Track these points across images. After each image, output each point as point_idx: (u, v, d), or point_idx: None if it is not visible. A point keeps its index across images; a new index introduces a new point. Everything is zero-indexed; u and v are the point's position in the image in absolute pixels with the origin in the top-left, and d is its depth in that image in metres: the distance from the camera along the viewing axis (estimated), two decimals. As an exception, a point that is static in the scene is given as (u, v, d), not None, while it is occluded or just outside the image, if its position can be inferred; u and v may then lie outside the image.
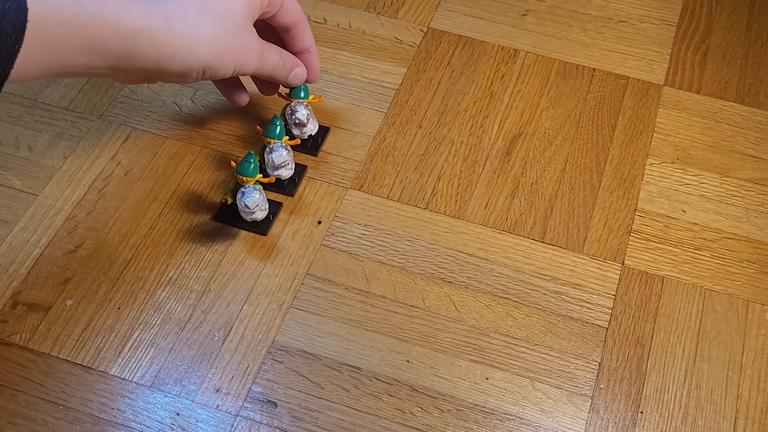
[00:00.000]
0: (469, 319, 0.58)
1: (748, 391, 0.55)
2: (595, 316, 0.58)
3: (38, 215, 0.62)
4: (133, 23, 0.47)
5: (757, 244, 0.62)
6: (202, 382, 0.54)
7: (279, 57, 0.59)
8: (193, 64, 0.52)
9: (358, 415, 0.53)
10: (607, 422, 0.54)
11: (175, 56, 0.50)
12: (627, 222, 0.63)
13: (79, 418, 0.53)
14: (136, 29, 0.48)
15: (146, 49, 0.49)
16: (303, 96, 0.63)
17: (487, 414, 0.54)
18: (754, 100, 0.71)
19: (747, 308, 0.59)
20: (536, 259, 0.61)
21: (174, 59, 0.50)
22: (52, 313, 0.57)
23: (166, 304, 0.58)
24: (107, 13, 0.46)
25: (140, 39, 0.48)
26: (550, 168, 0.66)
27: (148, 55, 0.49)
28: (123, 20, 0.47)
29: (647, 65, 0.73)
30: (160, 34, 0.49)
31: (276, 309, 0.58)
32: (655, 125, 0.69)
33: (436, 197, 0.64)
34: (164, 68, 0.50)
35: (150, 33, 0.48)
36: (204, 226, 0.62)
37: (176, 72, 0.51)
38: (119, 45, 0.47)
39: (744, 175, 0.66)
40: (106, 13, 0.46)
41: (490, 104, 0.70)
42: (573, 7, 0.77)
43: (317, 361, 0.55)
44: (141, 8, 0.48)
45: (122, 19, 0.47)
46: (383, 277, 0.59)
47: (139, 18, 0.48)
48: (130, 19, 0.47)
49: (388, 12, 0.76)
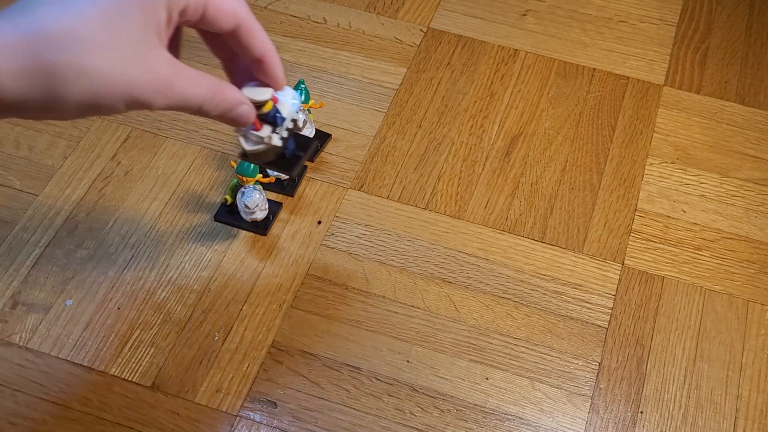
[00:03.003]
0: (469, 319, 0.58)
1: (748, 391, 0.55)
2: (595, 316, 0.58)
3: (38, 215, 0.62)
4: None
5: (757, 244, 0.62)
6: (202, 382, 0.54)
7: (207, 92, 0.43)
8: (47, 113, 0.39)
9: (358, 415, 0.53)
10: (607, 422, 0.54)
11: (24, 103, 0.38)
12: (627, 222, 0.63)
13: (79, 418, 0.53)
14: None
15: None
16: (303, 100, 0.62)
17: (487, 414, 0.54)
18: (754, 100, 0.71)
19: (747, 308, 0.59)
20: (536, 259, 0.61)
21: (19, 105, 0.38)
22: (52, 313, 0.57)
23: (166, 304, 0.58)
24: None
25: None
26: (550, 168, 0.66)
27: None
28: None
29: (647, 65, 0.73)
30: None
31: (276, 309, 0.58)
32: (655, 125, 0.69)
33: (436, 197, 0.64)
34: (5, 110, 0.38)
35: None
36: (204, 226, 0.62)
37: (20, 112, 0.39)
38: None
39: (744, 175, 0.66)
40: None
41: (490, 104, 0.70)
42: (573, 7, 0.77)
43: (317, 361, 0.55)
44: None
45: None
46: (383, 277, 0.59)
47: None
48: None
49: (388, 12, 0.76)
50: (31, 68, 0.38)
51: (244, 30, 0.44)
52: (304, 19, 0.75)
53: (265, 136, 0.49)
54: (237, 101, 0.46)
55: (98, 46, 0.39)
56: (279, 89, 0.48)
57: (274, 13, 0.76)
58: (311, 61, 0.72)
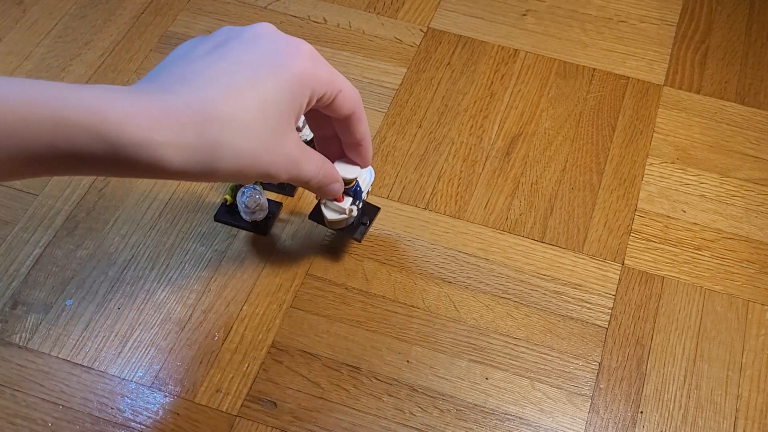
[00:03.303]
0: (469, 319, 0.58)
1: (748, 391, 0.55)
2: (595, 316, 0.58)
3: (38, 215, 0.62)
4: (131, 137, 0.37)
5: (757, 244, 0.62)
6: (202, 382, 0.54)
7: (317, 170, 0.47)
8: (199, 179, 0.42)
9: (358, 415, 0.53)
10: (607, 422, 0.54)
11: (183, 174, 0.40)
12: (627, 222, 0.63)
13: (79, 418, 0.53)
14: (135, 143, 0.37)
15: (144, 161, 0.38)
16: None
17: (487, 414, 0.54)
18: (754, 100, 0.71)
19: (747, 308, 0.59)
20: (536, 259, 0.61)
21: (179, 175, 0.40)
22: (52, 313, 0.57)
23: (166, 304, 0.58)
24: (98, 125, 0.36)
25: (138, 152, 0.37)
26: (550, 168, 0.66)
27: (147, 169, 0.38)
28: (119, 133, 0.36)
29: (647, 65, 0.73)
30: (165, 151, 0.38)
31: (276, 309, 0.58)
32: (655, 125, 0.69)
33: (436, 197, 0.64)
34: (160, 177, 0.40)
35: (154, 150, 0.37)
36: (204, 226, 0.62)
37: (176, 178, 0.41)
38: (106, 155, 0.37)
39: (744, 175, 0.66)
40: (97, 125, 0.36)
41: (490, 104, 0.70)
42: (573, 7, 0.77)
43: (317, 361, 0.55)
44: (144, 116, 0.37)
45: (118, 132, 0.36)
46: (383, 277, 0.59)
47: (143, 130, 0.37)
48: (130, 132, 0.36)
49: (388, 12, 0.76)
50: (196, 145, 0.39)
51: (355, 116, 0.48)
52: (304, 19, 0.75)
53: (346, 208, 0.55)
54: (335, 178, 0.50)
55: (254, 129, 0.41)
56: (365, 167, 0.53)
57: (274, 13, 0.76)
58: (311, 61, 0.72)
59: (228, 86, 0.40)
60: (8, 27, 0.74)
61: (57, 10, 0.76)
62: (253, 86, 0.41)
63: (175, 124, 0.38)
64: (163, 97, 0.39)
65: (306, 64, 0.43)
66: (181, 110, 0.39)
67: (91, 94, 0.36)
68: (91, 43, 0.73)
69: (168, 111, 0.38)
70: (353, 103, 0.47)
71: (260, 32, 0.44)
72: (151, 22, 0.75)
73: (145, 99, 0.38)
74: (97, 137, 0.36)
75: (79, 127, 0.35)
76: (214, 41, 0.43)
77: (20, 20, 0.75)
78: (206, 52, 0.42)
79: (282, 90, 0.42)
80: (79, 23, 0.75)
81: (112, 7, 0.76)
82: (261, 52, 0.42)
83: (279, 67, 0.42)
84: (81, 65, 0.71)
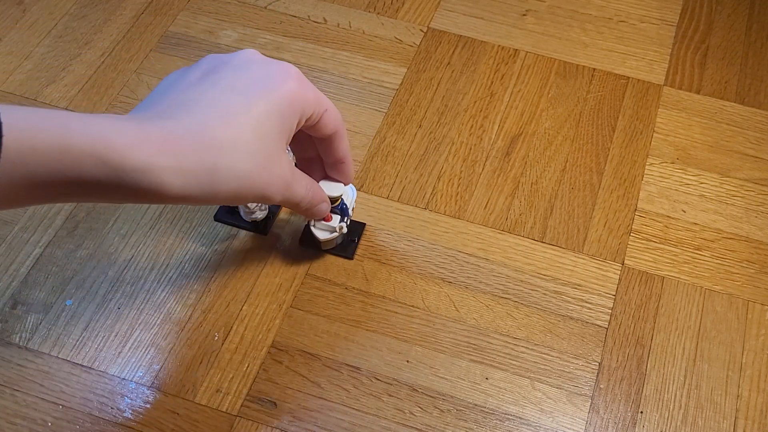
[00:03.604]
0: (469, 319, 0.58)
1: (748, 391, 0.55)
2: (595, 316, 0.58)
3: (38, 215, 0.62)
4: (135, 163, 0.38)
5: (757, 244, 0.62)
6: (202, 382, 0.54)
7: (307, 191, 0.50)
8: (199, 202, 0.43)
9: (358, 415, 0.53)
10: (607, 422, 0.54)
11: (184, 198, 0.41)
12: (627, 222, 0.63)
13: (78, 418, 0.53)
14: (139, 169, 0.38)
15: (146, 186, 0.39)
16: None
17: (487, 414, 0.54)
18: (754, 100, 0.71)
19: (747, 308, 0.59)
20: (536, 259, 0.61)
21: (180, 199, 0.41)
22: (52, 313, 0.57)
23: (166, 304, 0.58)
24: (102, 151, 0.37)
25: (141, 178, 0.38)
26: (550, 168, 0.66)
27: (149, 194, 0.39)
28: (123, 159, 0.37)
29: (647, 65, 0.73)
30: (167, 176, 0.39)
31: (276, 309, 0.58)
32: (655, 125, 0.69)
33: (436, 197, 0.64)
34: (161, 201, 0.41)
35: (157, 175, 0.39)
36: (204, 226, 0.62)
37: (177, 202, 0.42)
38: (110, 180, 0.38)
39: (744, 175, 0.66)
40: (102, 151, 0.37)
41: (490, 104, 0.70)
42: (573, 7, 0.77)
43: (317, 361, 0.55)
44: (147, 143, 0.38)
45: (122, 158, 0.37)
46: (383, 277, 0.59)
47: (147, 156, 0.38)
48: (134, 158, 0.38)
49: (388, 12, 0.76)
50: (196, 169, 0.41)
51: (338, 134, 0.50)
52: (304, 19, 0.75)
53: (336, 226, 0.56)
54: (323, 198, 0.52)
55: (251, 152, 0.43)
56: (347, 184, 0.55)
57: (274, 13, 0.76)
58: (311, 61, 0.72)
59: (224, 112, 0.42)
60: (8, 27, 0.74)
61: (57, 10, 0.76)
62: (247, 111, 0.42)
63: (176, 149, 0.39)
64: (163, 124, 0.40)
65: (295, 86, 0.45)
66: (181, 136, 0.40)
67: (96, 121, 0.38)
68: (91, 43, 0.73)
69: (169, 137, 0.39)
70: (337, 121, 0.49)
71: (249, 58, 0.45)
72: (151, 22, 0.75)
73: (146, 126, 0.39)
74: (101, 163, 0.37)
75: (85, 153, 0.36)
76: (202, 70, 0.45)
77: (20, 20, 0.75)
78: (197, 80, 0.44)
79: (275, 113, 0.44)
80: (79, 23, 0.75)
81: (112, 7, 0.76)
82: (252, 77, 0.44)
83: (270, 91, 0.44)
84: (81, 65, 0.72)
